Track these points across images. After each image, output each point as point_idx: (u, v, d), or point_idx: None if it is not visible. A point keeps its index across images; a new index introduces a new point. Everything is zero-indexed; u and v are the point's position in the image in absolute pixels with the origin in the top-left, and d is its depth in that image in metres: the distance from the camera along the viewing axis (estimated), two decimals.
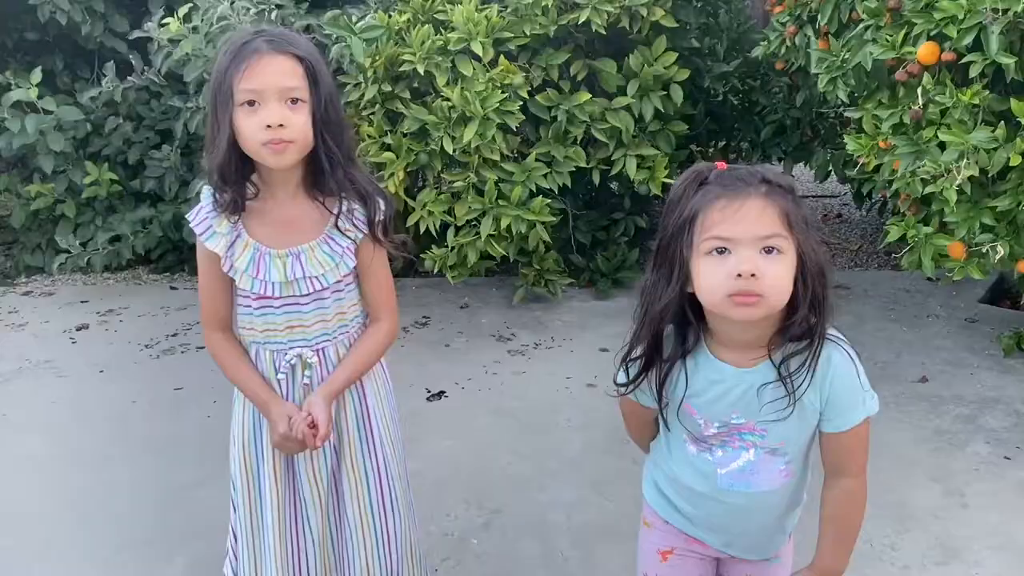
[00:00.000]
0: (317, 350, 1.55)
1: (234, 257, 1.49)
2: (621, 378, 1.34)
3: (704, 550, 1.41)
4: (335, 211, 1.49)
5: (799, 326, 1.19)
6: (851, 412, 1.24)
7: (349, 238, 1.51)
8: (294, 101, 1.40)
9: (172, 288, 4.19)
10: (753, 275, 1.13)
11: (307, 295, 1.51)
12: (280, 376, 1.54)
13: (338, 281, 1.52)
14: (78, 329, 3.72)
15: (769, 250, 1.15)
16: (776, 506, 1.36)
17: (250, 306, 1.53)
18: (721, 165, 1.22)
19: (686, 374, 1.27)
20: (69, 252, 4.24)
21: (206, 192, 1.50)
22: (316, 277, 1.50)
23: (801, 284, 1.18)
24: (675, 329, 1.27)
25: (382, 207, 1.52)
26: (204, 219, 1.49)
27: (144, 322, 3.77)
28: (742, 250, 1.14)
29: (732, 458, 1.31)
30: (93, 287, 4.27)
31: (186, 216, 1.55)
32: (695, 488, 1.36)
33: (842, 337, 1.24)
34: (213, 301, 1.55)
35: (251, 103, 1.38)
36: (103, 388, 3.17)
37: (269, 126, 1.38)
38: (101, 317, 3.85)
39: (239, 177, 1.45)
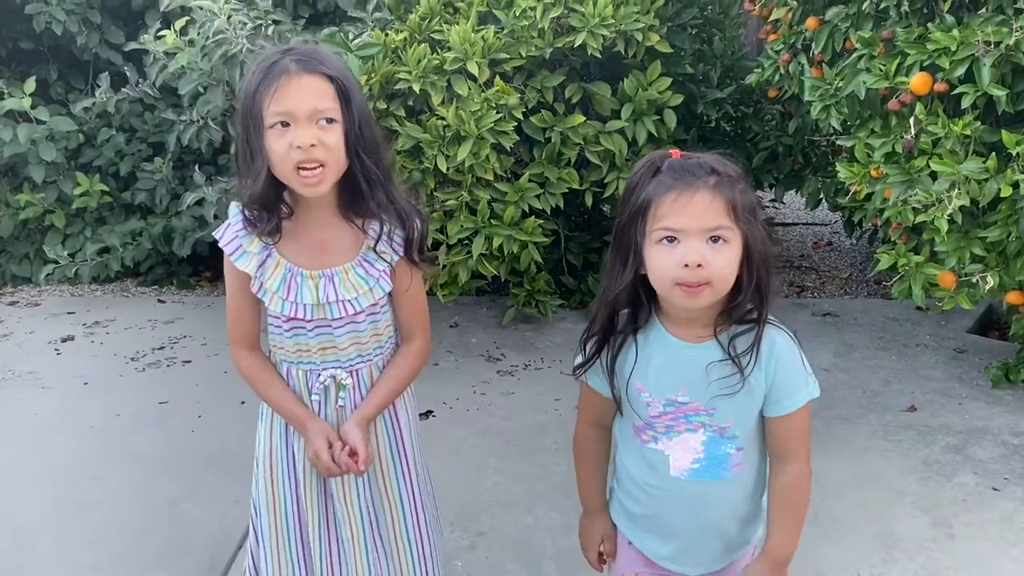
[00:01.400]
0: (352, 371, 1.51)
1: (264, 277, 1.45)
2: (579, 360, 1.40)
3: None
4: (373, 233, 1.45)
5: (743, 308, 1.27)
6: (795, 395, 1.31)
7: (385, 261, 1.47)
8: (329, 121, 1.36)
9: (160, 301, 4.16)
10: (699, 265, 1.20)
11: (339, 319, 1.46)
12: (314, 397, 1.50)
13: (373, 304, 1.48)
14: (63, 340, 3.69)
15: (715, 239, 1.22)
16: (729, 500, 1.37)
17: (280, 327, 1.49)
18: (675, 153, 1.27)
19: (636, 348, 1.34)
20: (57, 263, 4.21)
21: (235, 210, 1.45)
22: (349, 301, 1.45)
23: (746, 270, 1.25)
24: (629, 308, 1.34)
25: (419, 227, 1.48)
26: (234, 238, 1.44)
27: (130, 335, 3.74)
28: (689, 240, 1.21)
29: (681, 445, 1.34)
30: (80, 298, 4.24)
31: (213, 235, 1.50)
32: (646, 481, 1.38)
33: (781, 323, 1.32)
34: (241, 320, 1.51)
35: (283, 124, 1.35)
36: (87, 400, 3.13)
37: (300, 147, 1.33)
38: (87, 329, 3.82)
39: (276, 200, 1.42)
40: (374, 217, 1.45)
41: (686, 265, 1.20)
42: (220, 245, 1.45)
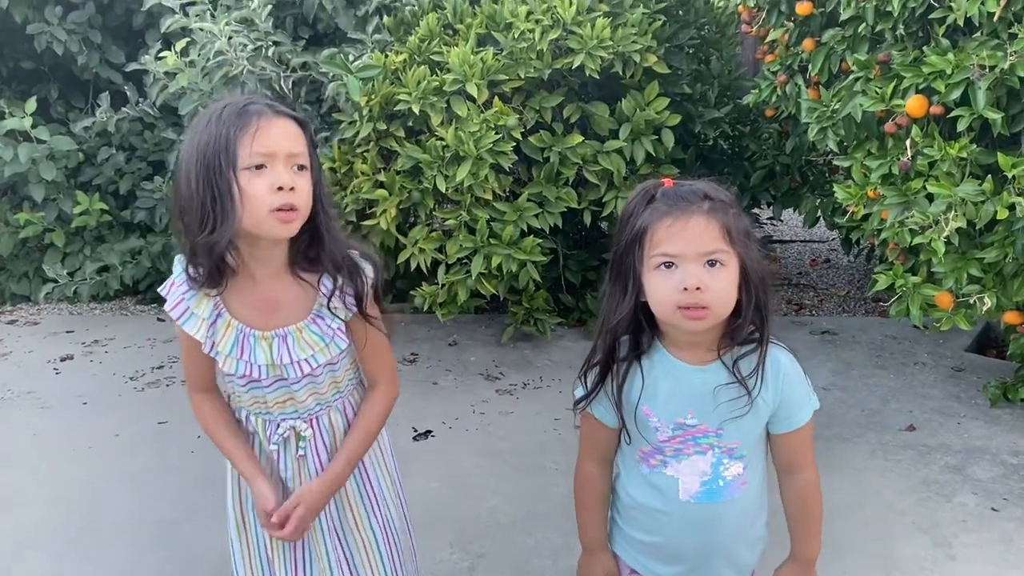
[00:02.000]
0: (311, 419, 1.48)
1: (216, 338, 1.40)
2: (579, 392, 1.40)
3: None
4: (326, 289, 1.41)
5: (744, 330, 1.29)
6: (801, 410, 1.36)
7: (339, 318, 1.43)
8: (300, 168, 1.33)
9: (159, 320, 4.17)
10: (698, 288, 1.22)
11: (297, 378, 1.44)
12: (272, 447, 1.48)
13: (329, 358, 1.44)
14: (62, 360, 3.69)
15: (712, 263, 1.24)
16: (736, 522, 1.39)
17: (235, 381, 1.46)
18: (668, 182, 1.30)
19: (642, 373, 1.35)
20: (56, 281, 4.22)
21: (179, 268, 1.38)
22: (305, 359, 1.41)
23: (745, 292, 1.27)
24: (630, 335, 1.35)
25: (371, 279, 1.43)
26: (180, 300, 1.38)
27: (129, 354, 3.74)
28: (687, 265, 1.24)
29: (690, 468, 1.35)
30: (79, 317, 4.24)
31: (159, 291, 1.43)
32: (654, 508, 1.38)
33: (779, 341, 1.35)
34: (193, 367, 1.47)
35: (259, 167, 1.29)
36: (86, 420, 3.13)
37: (281, 188, 1.29)
38: (86, 348, 3.82)
39: (226, 252, 1.34)
40: (326, 272, 1.41)
41: (685, 289, 1.22)
42: (166, 309, 1.39)
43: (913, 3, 2.51)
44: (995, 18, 2.36)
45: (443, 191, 3.26)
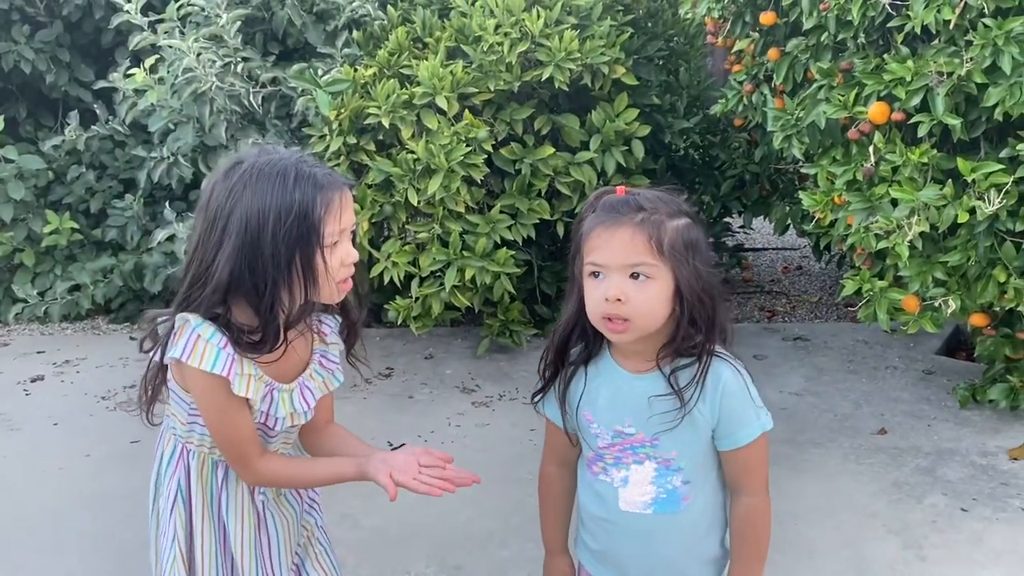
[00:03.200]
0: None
1: (253, 396, 1.36)
2: (537, 387, 1.43)
3: None
4: (328, 329, 1.45)
5: (683, 343, 1.28)
6: (745, 427, 1.31)
7: (336, 355, 1.48)
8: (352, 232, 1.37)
9: (131, 338, 4.13)
10: (619, 300, 1.23)
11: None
12: (260, 497, 1.47)
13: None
14: (32, 380, 3.65)
15: (636, 276, 1.24)
16: (680, 536, 1.35)
17: None
18: (620, 190, 1.30)
19: (585, 377, 1.36)
20: (26, 301, 4.18)
21: (209, 329, 1.30)
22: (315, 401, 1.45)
23: (679, 306, 1.26)
24: (581, 340, 1.37)
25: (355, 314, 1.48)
26: (228, 362, 1.30)
27: (101, 373, 3.70)
28: (612, 275, 1.25)
29: (628, 477, 1.34)
30: (50, 337, 4.19)
31: (191, 363, 1.31)
32: (597, 515, 1.39)
33: (731, 356, 1.33)
34: (248, 427, 1.38)
35: (335, 242, 1.31)
36: (57, 441, 3.10)
37: (353, 263, 1.34)
38: (57, 368, 3.78)
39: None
40: (327, 313, 1.45)
41: (607, 299, 1.24)
42: (218, 372, 1.29)
43: (872, 12, 2.55)
44: (951, 26, 2.40)
45: (415, 204, 3.26)
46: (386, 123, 3.24)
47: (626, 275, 1.24)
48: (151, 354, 1.43)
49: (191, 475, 1.46)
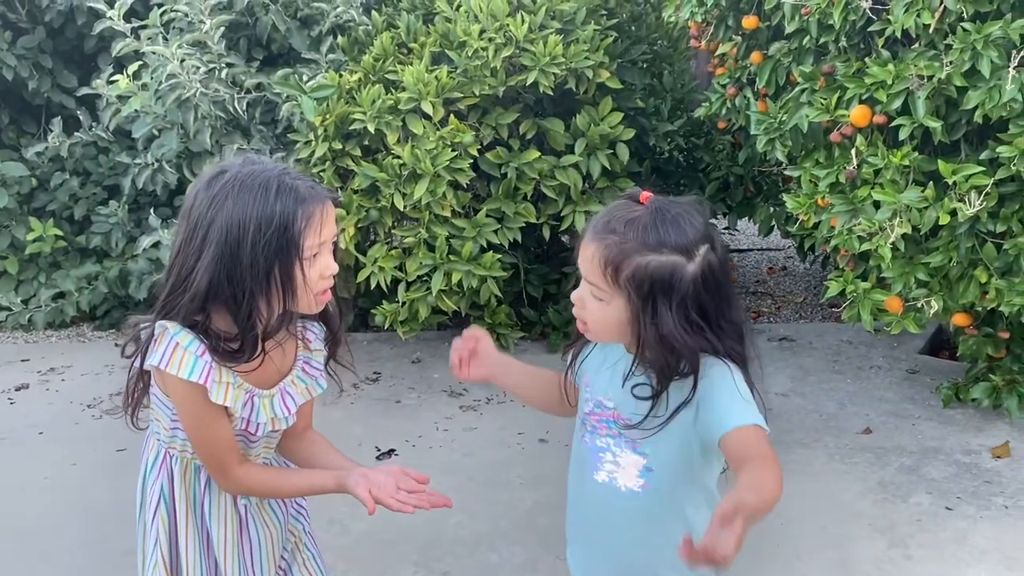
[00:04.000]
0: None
1: (233, 404, 1.38)
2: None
3: None
4: (313, 336, 1.47)
5: (635, 367, 1.29)
6: (730, 409, 1.20)
7: (320, 361, 1.49)
8: (333, 244, 1.37)
9: (117, 345, 4.10)
10: (576, 305, 1.30)
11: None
12: (242, 502, 1.48)
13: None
14: (17, 389, 3.63)
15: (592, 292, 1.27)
16: (632, 519, 1.34)
17: None
18: (643, 198, 1.27)
19: (595, 344, 1.40)
20: (10, 309, 4.15)
21: (188, 338, 1.31)
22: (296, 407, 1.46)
23: (638, 337, 1.24)
24: None
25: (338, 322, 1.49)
26: (206, 370, 1.32)
27: (87, 381, 3.68)
28: (583, 279, 1.29)
29: (601, 445, 1.36)
30: (34, 345, 4.17)
31: (170, 370, 1.31)
32: (574, 481, 1.43)
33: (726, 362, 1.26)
34: (228, 435, 1.39)
35: (315, 255, 1.32)
36: (42, 451, 3.08)
37: (332, 275, 1.35)
38: (42, 376, 3.76)
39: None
40: (311, 320, 1.46)
41: (573, 298, 1.31)
42: (195, 380, 1.30)
43: (853, 16, 2.58)
44: (931, 29, 2.43)
45: (401, 209, 3.27)
46: (371, 128, 3.25)
47: (587, 285, 1.27)
48: (132, 359, 1.43)
49: (174, 480, 1.47)
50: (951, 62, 2.39)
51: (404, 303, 3.42)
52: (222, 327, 1.33)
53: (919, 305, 2.63)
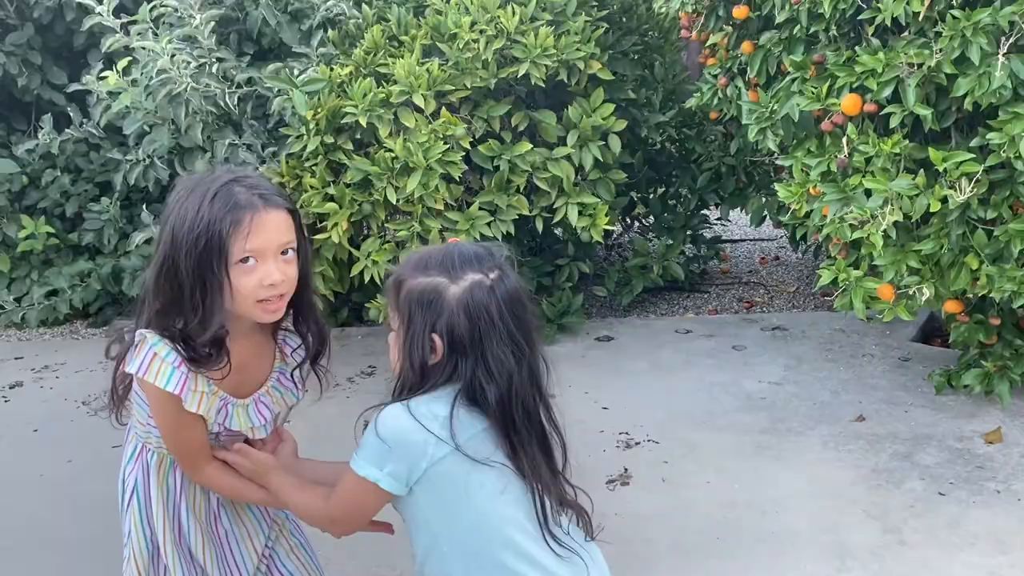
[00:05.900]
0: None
1: (207, 411, 1.43)
2: None
3: None
4: (289, 348, 1.52)
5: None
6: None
7: (299, 376, 1.53)
8: (284, 252, 1.36)
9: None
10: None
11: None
12: (217, 495, 1.53)
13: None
14: (11, 387, 3.62)
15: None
16: None
17: None
18: (452, 241, 1.43)
19: None
20: (3, 308, 4.14)
21: (162, 346, 1.36)
22: (274, 416, 1.52)
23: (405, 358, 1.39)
24: None
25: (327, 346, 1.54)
26: (182, 380, 1.36)
27: (81, 378, 3.68)
28: None
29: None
30: (28, 343, 4.16)
31: (147, 379, 1.36)
32: None
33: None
34: (198, 439, 1.45)
35: (244, 260, 1.33)
36: (37, 448, 3.08)
37: (271, 284, 1.34)
38: (36, 374, 3.75)
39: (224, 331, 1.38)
40: (290, 332, 1.51)
41: None
42: (170, 390, 1.35)
43: (843, 5, 2.58)
44: (920, 17, 2.44)
45: (394, 202, 3.26)
46: (363, 122, 3.24)
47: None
48: (116, 360, 1.49)
49: (149, 473, 1.52)
50: (941, 50, 2.39)
51: None
52: (193, 333, 1.36)
53: (911, 292, 2.64)
